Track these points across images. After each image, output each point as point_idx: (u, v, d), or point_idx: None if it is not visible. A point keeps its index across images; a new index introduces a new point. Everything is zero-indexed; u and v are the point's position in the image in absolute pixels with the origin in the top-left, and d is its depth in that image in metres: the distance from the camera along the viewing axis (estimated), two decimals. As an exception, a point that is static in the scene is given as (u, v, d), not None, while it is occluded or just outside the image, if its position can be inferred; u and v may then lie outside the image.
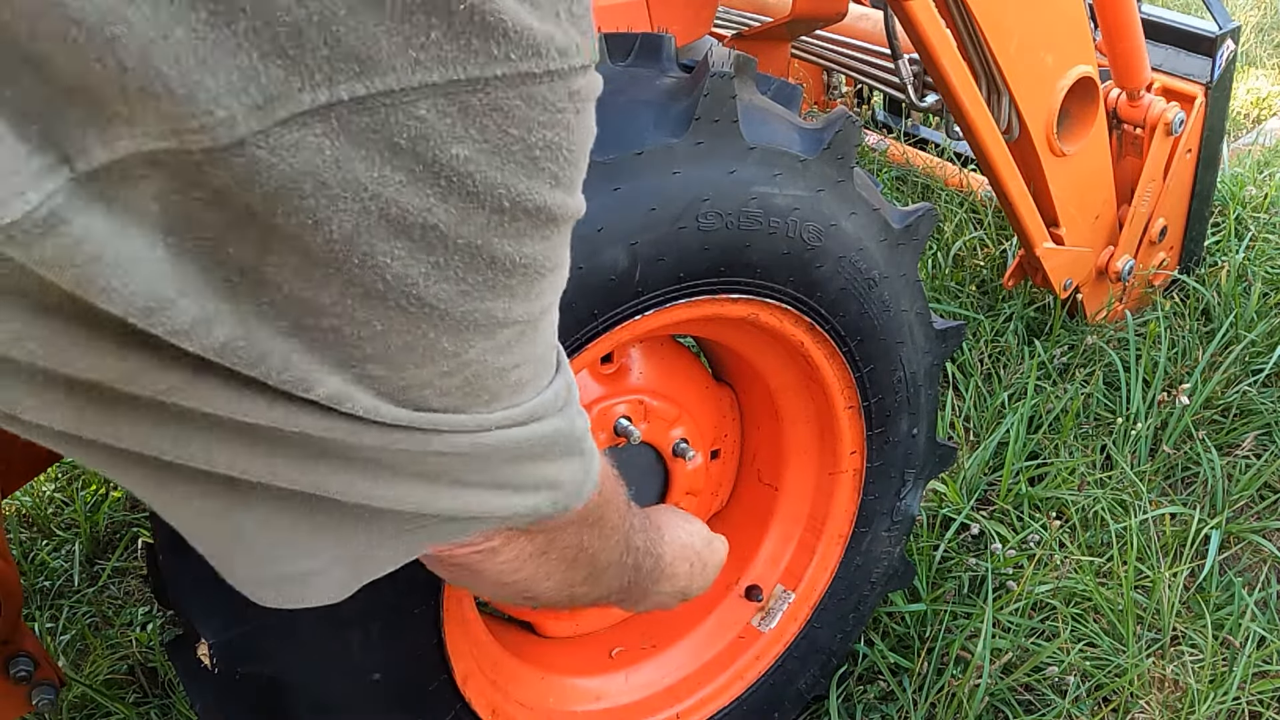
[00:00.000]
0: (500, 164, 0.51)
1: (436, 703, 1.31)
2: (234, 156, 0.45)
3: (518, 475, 0.66)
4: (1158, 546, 2.12)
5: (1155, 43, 2.45)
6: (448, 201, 0.50)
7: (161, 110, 0.43)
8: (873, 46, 2.59)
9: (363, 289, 0.51)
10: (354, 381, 0.54)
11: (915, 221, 1.50)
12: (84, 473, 2.43)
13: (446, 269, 0.52)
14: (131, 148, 0.44)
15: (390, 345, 0.53)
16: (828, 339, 1.47)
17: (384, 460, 0.58)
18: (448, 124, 0.48)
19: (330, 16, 0.44)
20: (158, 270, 0.47)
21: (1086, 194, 2.37)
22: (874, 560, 1.73)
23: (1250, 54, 4.66)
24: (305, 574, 0.64)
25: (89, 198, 0.44)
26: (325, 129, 0.46)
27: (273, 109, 0.44)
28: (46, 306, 0.47)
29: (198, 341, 0.49)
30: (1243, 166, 3.24)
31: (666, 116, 1.23)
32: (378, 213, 0.49)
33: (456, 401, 0.58)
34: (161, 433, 0.53)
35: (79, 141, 0.43)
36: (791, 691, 1.75)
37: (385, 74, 0.46)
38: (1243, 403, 2.43)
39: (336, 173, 0.47)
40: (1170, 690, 1.89)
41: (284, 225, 0.47)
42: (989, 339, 2.60)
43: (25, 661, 1.45)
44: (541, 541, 0.79)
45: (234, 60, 0.43)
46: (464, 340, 0.55)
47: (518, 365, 0.60)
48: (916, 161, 3.18)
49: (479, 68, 0.48)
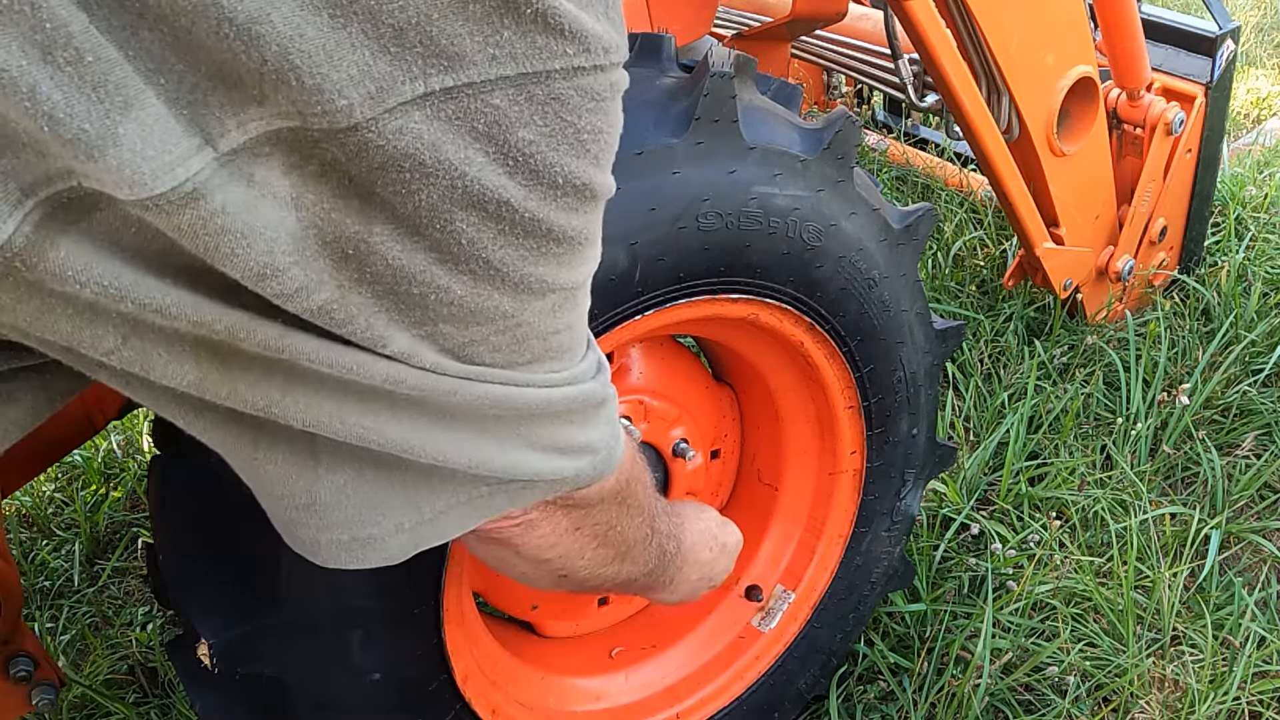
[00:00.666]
0: (556, 145, 0.59)
1: (436, 703, 1.31)
2: (348, 137, 0.53)
3: (560, 436, 0.73)
4: (1158, 546, 2.12)
5: (1155, 43, 2.45)
6: (514, 178, 0.58)
7: (291, 96, 0.51)
8: (873, 46, 2.58)
9: (443, 256, 0.59)
10: (423, 339, 0.62)
11: (915, 221, 1.50)
12: (84, 472, 2.44)
13: (511, 236, 0.60)
14: (261, 127, 0.52)
15: (464, 308, 0.62)
16: (828, 339, 1.47)
17: (448, 411, 0.65)
18: (516, 111, 0.57)
19: (425, 19, 0.52)
20: (277, 241, 0.55)
21: (1086, 194, 2.37)
22: (874, 560, 1.73)
23: (1250, 54, 4.66)
24: (370, 538, 0.70)
25: (228, 175, 0.52)
26: (422, 116, 0.54)
27: (383, 98, 0.52)
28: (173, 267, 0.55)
29: (298, 304, 0.57)
30: (1243, 166, 3.24)
31: (666, 116, 1.23)
32: (461, 188, 0.57)
33: (507, 358, 0.66)
34: (267, 387, 0.61)
35: (220, 124, 0.51)
36: (791, 691, 1.75)
37: (468, 68, 0.54)
38: (1243, 403, 2.43)
39: (431, 154, 0.55)
40: (1170, 690, 1.89)
41: (383, 195, 0.56)
42: (989, 339, 2.60)
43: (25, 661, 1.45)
44: (576, 517, 0.86)
45: (353, 56, 0.51)
46: (521, 301, 0.64)
47: (558, 331, 0.68)
48: (916, 161, 3.18)
49: (543, 62, 0.56)
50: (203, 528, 1.19)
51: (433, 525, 0.72)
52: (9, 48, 0.46)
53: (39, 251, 0.52)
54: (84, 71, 0.48)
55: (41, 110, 0.48)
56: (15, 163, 0.50)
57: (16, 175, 0.50)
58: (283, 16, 0.49)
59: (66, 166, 0.50)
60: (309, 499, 0.68)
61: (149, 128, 0.49)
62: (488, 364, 0.66)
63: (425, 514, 0.71)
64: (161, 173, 0.50)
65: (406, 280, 0.59)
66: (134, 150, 0.49)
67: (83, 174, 0.50)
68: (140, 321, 0.56)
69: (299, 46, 0.50)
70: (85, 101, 0.48)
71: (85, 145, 0.48)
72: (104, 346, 0.57)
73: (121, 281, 0.54)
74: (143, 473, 2.42)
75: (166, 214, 0.51)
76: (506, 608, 1.58)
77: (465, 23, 0.53)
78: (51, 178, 0.50)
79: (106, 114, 0.48)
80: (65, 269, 0.53)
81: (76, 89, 0.48)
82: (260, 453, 0.65)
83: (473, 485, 0.70)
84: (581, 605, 1.63)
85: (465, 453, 0.68)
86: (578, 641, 1.66)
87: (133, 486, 2.40)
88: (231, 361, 0.59)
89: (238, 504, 1.13)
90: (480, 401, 0.66)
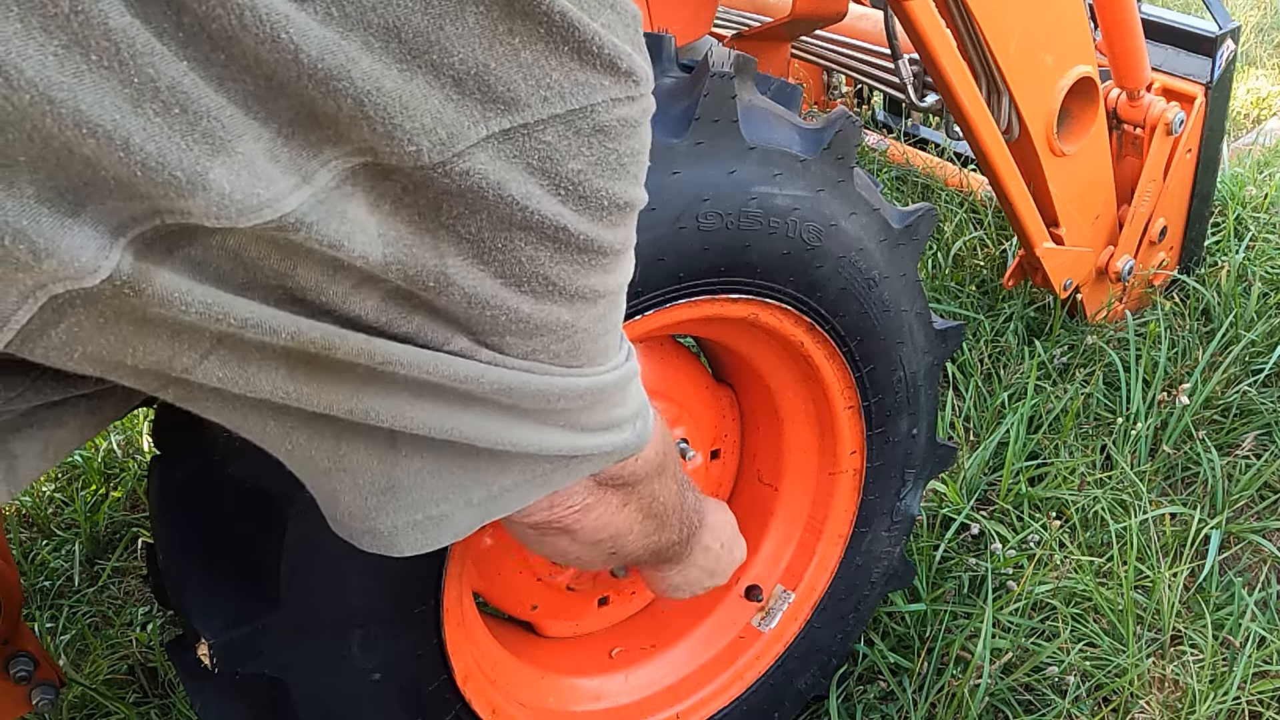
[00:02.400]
0: (601, 172, 0.65)
1: (436, 703, 1.31)
2: (418, 173, 0.58)
3: (607, 416, 0.79)
4: (1158, 546, 2.12)
5: (1155, 43, 2.45)
6: (567, 204, 0.64)
7: (365, 134, 0.55)
8: (873, 46, 2.58)
9: (509, 278, 0.65)
10: (492, 349, 0.68)
11: (915, 221, 1.50)
12: (84, 473, 2.44)
13: (568, 255, 0.66)
14: (341, 165, 0.56)
15: (530, 324, 0.68)
16: (828, 339, 1.47)
17: (511, 404, 0.71)
18: (566, 145, 0.62)
19: (483, 69, 0.57)
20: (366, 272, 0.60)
21: (1086, 194, 2.37)
22: (874, 560, 1.73)
23: (1250, 54, 4.66)
24: (443, 515, 0.76)
25: (324, 212, 0.57)
26: (486, 157, 0.59)
27: (452, 144, 0.58)
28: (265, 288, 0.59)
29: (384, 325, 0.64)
30: (1243, 166, 3.24)
31: (666, 117, 1.23)
32: (521, 219, 0.62)
33: (565, 362, 0.73)
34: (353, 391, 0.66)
35: (308, 163, 0.55)
36: (791, 691, 1.75)
37: (523, 110, 0.60)
38: (1243, 403, 2.43)
39: (495, 191, 0.60)
40: (1170, 690, 1.90)
41: (451, 227, 0.61)
42: (989, 339, 2.60)
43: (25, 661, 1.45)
44: (624, 494, 0.95)
45: (425, 105, 0.56)
46: (577, 310, 0.70)
47: (607, 332, 0.76)
48: (916, 161, 3.18)
49: (586, 97, 0.62)
50: (203, 528, 1.19)
51: (499, 501, 0.77)
52: (103, 102, 0.49)
53: (146, 278, 0.55)
54: (173, 121, 0.51)
55: (135, 159, 0.50)
56: (105, 206, 0.52)
57: (108, 217, 0.53)
58: (361, 72, 0.54)
59: (154, 206, 0.53)
60: (388, 483, 0.72)
61: (237, 172, 0.53)
62: (549, 367, 0.72)
63: (493, 490, 0.76)
64: (250, 211, 0.54)
65: (480, 305, 0.65)
66: (222, 193, 0.53)
67: (168, 211, 0.53)
68: (236, 337, 0.60)
69: (374, 100, 0.54)
70: (176, 150, 0.51)
71: (176, 188, 0.52)
72: (193, 363, 0.61)
73: (220, 301, 0.58)
74: (143, 473, 2.42)
75: (253, 241, 0.56)
76: (506, 608, 1.58)
77: (519, 68, 0.58)
78: (137, 219, 0.54)
79: (196, 160, 0.52)
80: (170, 293, 0.56)
81: (167, 138, 0.51)
82: (344, 445, 0.70)
83: (536, 463, 0.77)
84: (581, 605, 1.63)
85: (530, 438, 0.74)
86: (578, 641, 1.66)
87: (133, 486, 2.40)
88: (322, 370, 0.64)
89: (237, 504, 1.13)
90: (542, 394, 0.72)
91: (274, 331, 0.60)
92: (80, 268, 0.52)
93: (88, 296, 0.54)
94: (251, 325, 0.59)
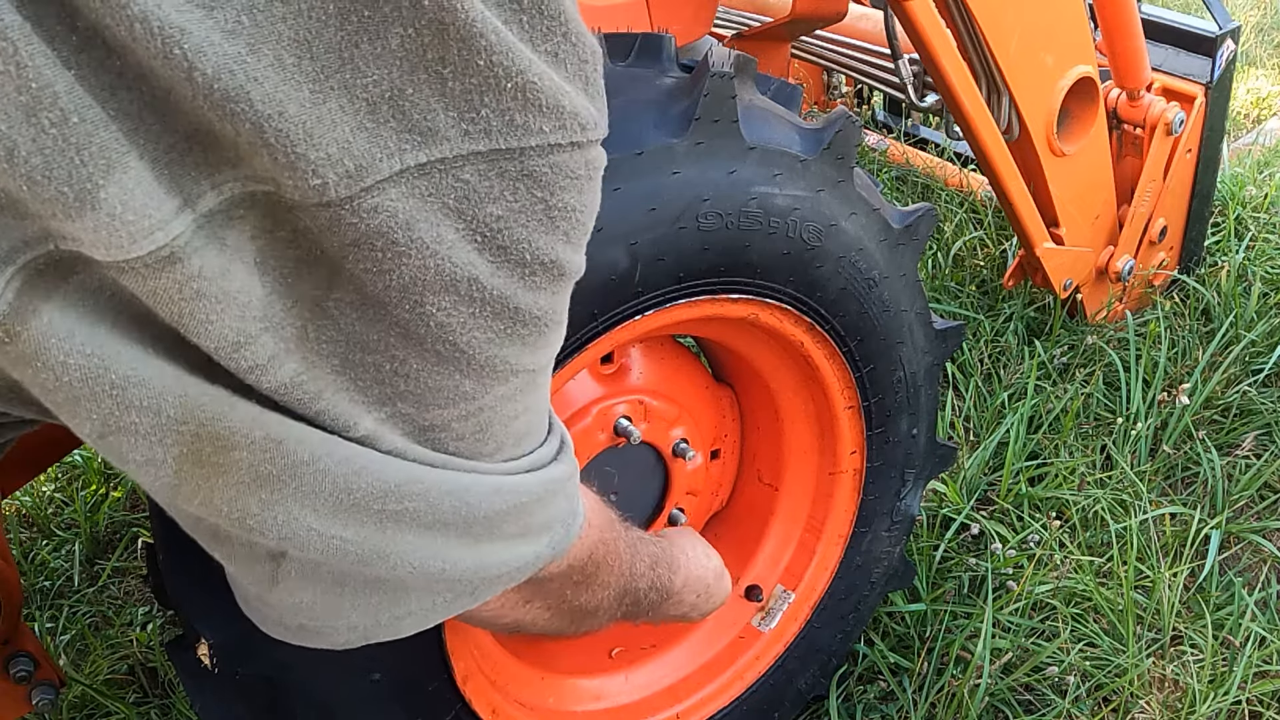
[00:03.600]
0: (525, 222, 0.58)
1: (436, 703, 1.31)
2: (321, 211, 0.52)
3: (524, 522, 0.71)
4: (1158, 546, 2.12)
5: (1155, 43, 2.45)
6: (483, 254, 0.57)
7: (265, 163, 0.50)
8: (873, 46, 2.58)
9: (406, 331, 0.58)
10: (386, 420, 0.61)
11: (915, 221, 1.50)
12: (84, 472, 2.43)
13: (480, 318, 0.59)
14: (236, 189, 0.51)
15: (422, 384, 0.60)
16: (828, 339, 1.47)
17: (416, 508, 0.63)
18: (486, 186, 0.55)
19: (399, 93, 0.51)
20: (249, 306, 0.54)
21: (1086, 194, 2.37)
22: (874, 560, 1.73)
23: (1250, 54, 4.65)
24: (320, 629, 0.70)
25: (205, 239, 0.51)
26: (397, 193, 0.53)
27: (361, 177, 0.52)
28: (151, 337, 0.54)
29: (270, 377, 0.56)
30: (1243, 166, 3.24)
31: (666, 116, 1.23)
32: (433, 267, 0.56)
33: (470, 447, 0.65)
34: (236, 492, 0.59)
35: (197, 185, 0.50)
36: (791, 691, 1.75)
37: (441, 143, 0.53)
38: (1243, 403, 2.43)
39: (405, 232, 0.54)
40: (1170, 690, 1.89)
41: (351, 270, 0.55)
42: (989, 339, 2.60)
43: (25, 661, 1.45)
44: (526, 592, 0.85)
45: (332, 134, 0.50)
46: (483, 384, 0.62)
47: (519, 415, 0.67)
48: (916, 161, 3.18)
49: (517, 139, 0.55)
50: (203, 528, 1.18)
51: (388, 628, 0.71)
52: None
53: (23, 320, 0.51)
54: (67, 133, 0.47)
55: (20, 171, 0.47)
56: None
57: None
58: (263, 94, 0.48)
59: (45, 228, 0.49)
60: (262, 600, 0.69)
61: (129, 190, 0.48)
62: (451, 453, 0.65)
63: (382, 620, 0.70)
64: (141, 236, 0.49)
65: (360, 347, 0.58)
66: (113, 213, 0.48)
67: (60, 235, 0.49)
68: (123, 403, 0.54)
69: (275, 126, 0.49)
70: (66, 163, 0.47)
71: (64, 206, 0.47)
72: (86, 431, 0.56)
73: (105, 351, 0.53)
74: (143, 473, 2.41)
75: (143, 277, 0.50)
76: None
77: (440, 98, 0.52)
78: (29, 242, 0.49)
79: (89, 176, 0.47)
80: (49, 337, 0.51)
81: (58, 150, 0.47)
82: (219, 551, 0.65)
83: (437, 591, 0.70)
84: (581, 605, 1.63)
85: (437, 555, 0.66)
86: (578, 641, 1.66)
87: (133, 486, 2.40)
88: (209, 463, 0.58)
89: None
90: (450, 493, 0.64)
91: (157, 393, 0.54)
92: None
93: None
94: (134, 383, 0.53)
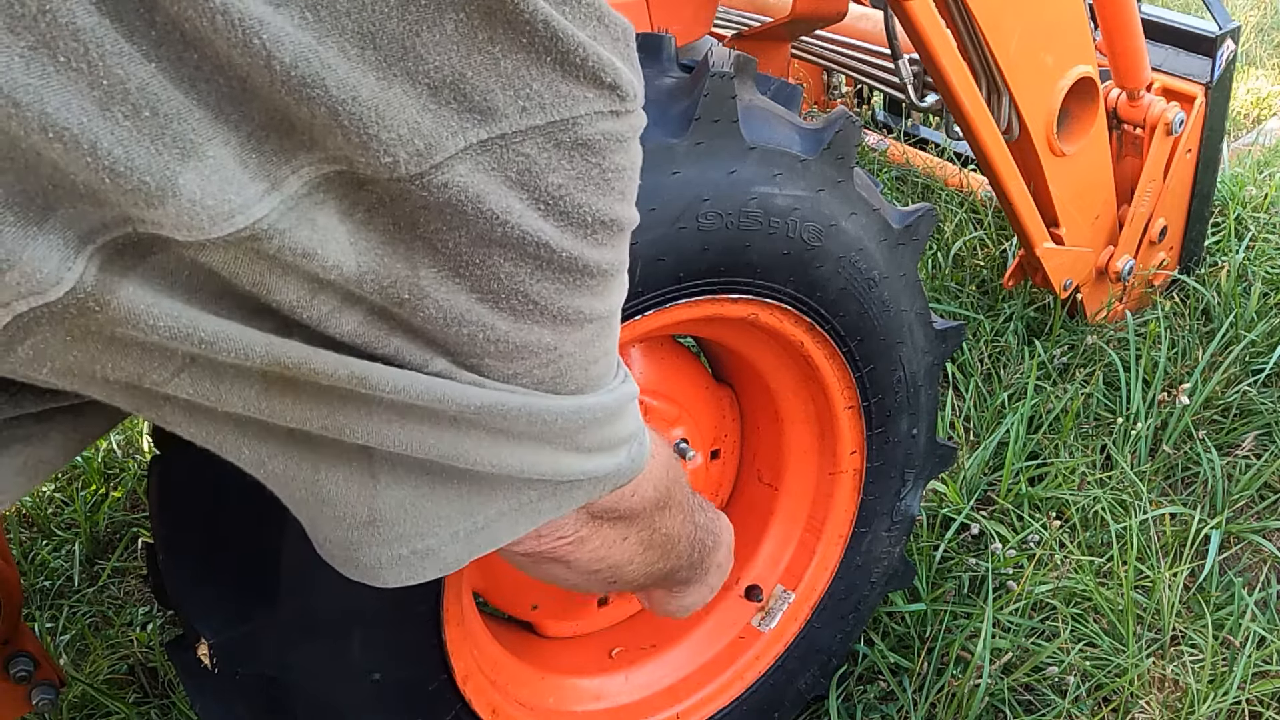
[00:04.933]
0: (584, 187, 0.63)
1: (436, 703, 1.31)
2: (393, 185, 0.56)
3: (601, 435, 0.75)
4: (1158, 546, 2.12)
5: (1155, 43, 2.45)
6: (548, 220, 0.62)
7: (339, 143, 0.54)
8: (873, 46, 2.58)
9: (485, 293, 0.62)
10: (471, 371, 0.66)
11: (915, 221, 1.50)
12: (84, 473, 2.43)
13: (549, 272, 0.64)
14: (312, 173, 0.54)
15: (507, 341, 0.65)
16: (828, 339, 1.47)
17: (492, 425, 0.68)
18: (546, 158, 0.60)
19: (459, 77, 0.56)
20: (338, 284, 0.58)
21: (1086, 194, 2.37)
22: (874, 560, 1.73)
23: (1250, 54, 4.66)
24: (428, 550, 0.72)
25: (295, 219, 0.55)
26: (464, 169, 0.57)
27: (430, 154, 0.56)
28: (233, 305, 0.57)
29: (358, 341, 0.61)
30: (1243, 166, 3.24)
31: (666, 116, 1.23)
32: (501, 234, 0.60)
33: (550, 388, 0.70)
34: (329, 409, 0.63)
35: (279, 169, 0.54)
36: (791, 691, 1.75)
37: (501, 120, 0.58)
38: (1243, 403, 2.43)
39: (474, 205, 0.58)
40: (1170, 690, 1.89)
41: (427, 239, 0.59)
42: (989, 339, 2.60)
43: (25, 661, 1.45)
44: (622, 528, 0.91)
45: (401, 115, 0.54)
46: (561, 334, 0.67)
47: (596, 360, 0.72)
48: (916, 161, 3.18)
49: (568, 109, 0.60)
50: (202, 527, 1.19)
51: (486, 532, 0.74)
52: (69, 104, 0.47)
53: (111, 289, 0.53)
54: (142, 125, 0.49)
55: (103, 164, 0.49)
56: (72, 212, 0.51)
57: (75, 224, 0.51)
58: (336, 80, 0.52)
59: (124, 214, 0.51)
60: (370, 515, 0.70)
61: (208, 177, 0.51)
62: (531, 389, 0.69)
63: (479, 521, 0.73)
64: (221, 219, 0.52)
65: (455, 321, 0.63)
66: (193, 199, 0.51)
67: (139, 219, 0.52)
68: (206, 356, 0.58)
69: (349, 109, 0.52)
70: (145, 154, 0.49)
71: (145, 195, 0.50)
72: (164, 379, 0.59)
73: (186, 319, 0.56)
74: (143, 473, 2.42)
75: (223, 252, 0.54)
76: (506, 608, 1.58)
77: (497, 78, 0.57)
78: (108, 225, 0.52)
79: (166, 165, 0.50)
80: (134, 309, 0.54)
81: (136, 142, 0.49)
82: (322, 473, 0.68)
83: (522, 490, 0.73)
84: (581, 605, 1.63)
85: (516, 460, 0.70)
86: (578, 641, 1.66)
87: (133, 486, 2.40)
88: (296, 388, 0.62)
89: (237, 503, 1.13)
90: (526, 412, 0.69)
91: (247, 350, 0.58)
92: (43, 280, 0.51)
93: (52, 315, 0.53)
94: (222, 343, 0.57)
